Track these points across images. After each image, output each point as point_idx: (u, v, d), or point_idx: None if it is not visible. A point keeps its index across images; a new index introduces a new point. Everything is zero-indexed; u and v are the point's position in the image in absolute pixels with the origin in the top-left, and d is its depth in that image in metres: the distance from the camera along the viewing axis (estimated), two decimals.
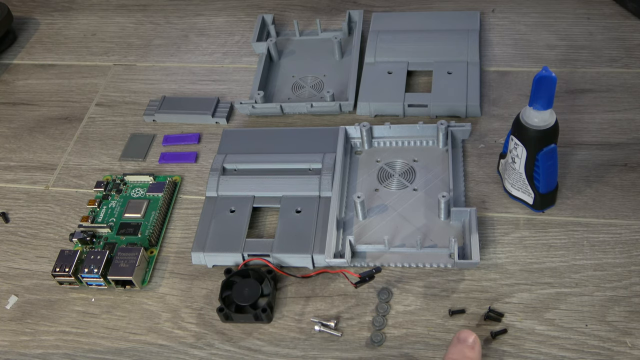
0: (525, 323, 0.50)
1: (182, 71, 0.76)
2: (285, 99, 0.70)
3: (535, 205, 0.56)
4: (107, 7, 0.87)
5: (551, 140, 0.51)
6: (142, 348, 0.52)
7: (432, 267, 0.54)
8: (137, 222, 0.60)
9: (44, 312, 0.56)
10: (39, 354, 0.53)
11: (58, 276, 0.56)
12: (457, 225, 0.56)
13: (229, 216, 0.58)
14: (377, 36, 0.72)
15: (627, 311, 0.50)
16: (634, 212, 0.56)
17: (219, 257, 0.56)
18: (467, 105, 0.64)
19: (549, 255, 0.54)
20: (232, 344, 0.52)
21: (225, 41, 0.79)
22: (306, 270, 0.55)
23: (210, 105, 0.69)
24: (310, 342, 0.51)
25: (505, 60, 0.71)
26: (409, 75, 0.68)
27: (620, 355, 0.48)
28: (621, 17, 0.74)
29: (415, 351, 0.49)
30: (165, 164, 0.66)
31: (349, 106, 0.67)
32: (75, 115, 0.73)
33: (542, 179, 0.53)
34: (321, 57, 0.74)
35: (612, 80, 0.67)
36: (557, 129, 0.51)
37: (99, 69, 0.78)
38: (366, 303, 0.53)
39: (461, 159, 0.61)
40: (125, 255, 0.55)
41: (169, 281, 0.56)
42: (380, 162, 0.62)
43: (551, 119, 0.50)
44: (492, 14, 0.76)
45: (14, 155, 0.70)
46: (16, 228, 0.63)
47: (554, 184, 0.55)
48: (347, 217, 0.58)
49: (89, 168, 0.67)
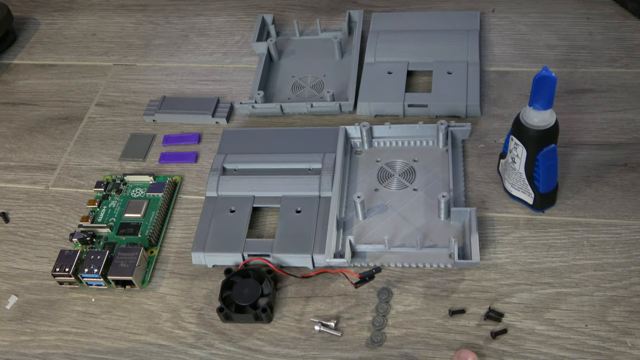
0: (525, 323, 0.50)
1: (182, 71, 0.76)
2: (285, 99, 0.70)
3: (535, 205, 0.56)
4: (107, 7, 0.87)
5: (551, 140, 0.51)
6: (142, 348, 0.52)
7: (432, 267, 0.54)
8: (137, 222, 0.60)
9: (44, 312, 0.56)
10: (39, 354, 0.53)
11: (58, 276, 0.56)
12: (457, 225, 0.56)
13: (229, 216, 0.58)
14: (377, 36, 0.72)
15: (627, 311, 0.50)
16: (634, 212, 0.56)
17: (219, 257, 0.56)
18: (467, 105, 0.64)
19: (549, 255, 0.54)
20: (232, 344, 0.52)
21: (225, 41, 0.79)
22: (306, 270, 0.55)
23: (210, 105, 0.69)
24: (310, 342, 0.51)
25: (505, 60, 0.71)
26: (409, 75, 0.68)
27: (620, 355, 0.48)
28: (621, 17, 0.74)
29: (415, 351, 0.49)
30: (165, 164, 0.66)
31: (349, 106, 0.67)
32: (75, 115, 0.73)
33: (542, 179, 0.53)
34: (321, 57, 0.74)
35: (612, 80, 0.67)
36: (557, 129, 0.51)
37: (99, 69, 0.78)
38: (366, 303, 0.53)
39: (461, 159, 0.61)
40: (125, 255, 0.55)
41: (169, 281, 0.56)
42: (380, 162, 0.62)
43: (551, 119, 0.50)
44: (492, 14, 0.76)
45: (14, 155, 0.70)
46: (16, 228, 0.63)
47: (554, 184, 0.55)
48: (347, 217, 0.58)
49: (89, 168, 0.67)
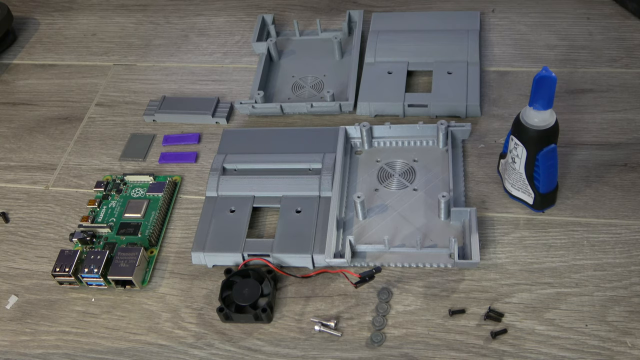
0: (525, 323, 0.50)
1: (182, 71, 0.76)
2: (285, 99, 0.70)
3: (535, 205, 0.56)
4: (107, 7, 0.87)
5: (551, 140, 0.51)
6: (142, 348, 0.52)
7: (432, 267, 0.54)
8: (137, 222, 0.60)
9: (44, 312, 0.56)
10: (39, 354, 0.53)
11: (58, 276, 0.56)
12: (457, 225, 0.56)
13: (229, 216, 0.58)
14: (377, 36, 0.72)
15: (627, 311, 0.50)
16: (634, 212, 0.56)
17: (219, 257, 0.56)
18: (467, 105, 0.64)
19: (549, 255, 0.54)
20: (232, 344, 0.52)
21: (225, 41, 0.79)
22: (306, 270, 0.55)
23: (210, 105, 0.69)
24: (310, 342, 0.51)
25: (505, 60, 0.71)
26: (409, 75, 0.68)
27: (620, 355, 0.48)
28: (621, 17, 0.74)
29: (415, 351, 0.49)
30: (165, 164, 0.66)
31: (349, 106, 0.67)
32: (75, 115, 0.73)
33: (542, 179, 0.53)
34: (321, 57, 0.74)
35: (612, 80, 0.67)
36: (557, 129, 0.51)
37: (99, 69, 0.78)
38: (366, 303, 0.53)
39: (461, 159, 0.61)
40: (125, 255, 0.55)
41: (169, 281, 0.56)
42: (380, 162, 0.62)
43: (551, 119, 0.50)
44: (492, 14, 0.76)
45: (14, 155, 0.70)
46: (16, 228, 0.63)
47: (554, 184, 0.55)
48: (347, 217, 0.58)
49: (89, 168, 0.67)
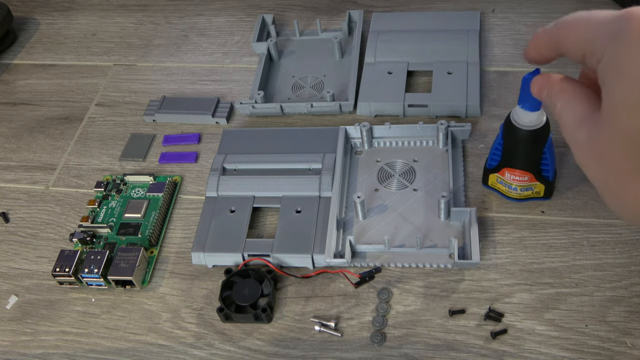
0: (525, 323, 0.50)
1: (182, 71, 0.76)
2: (285, 99, 0.70)
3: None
4: (107, 7, 0.87)
5: (544, 139, 0.50)
6: (142, 348, 0.52)
7: (432, 267, 0.54)
8: (137, 222, 0.60)
9: (44, 312, 0.56)
10: (39, 354, 0.53)
11: (58, 276, 0.56)
12: (457, 225, 0.56)
13: (229, 216, 0.58)
14: (377, 36, 0.72)
15: (627, 311, 0.50)
16: None
17: (219, 257, 0.56)
18: (467, 105, 0.64)
19: (549, 255, 0.54)
20: (232, 344, 0.52)
21: (225, 41, 0.79)
22: (306, 270, 0.55)
23: (210, 105, 0.69)
24: (310, 342, 0.51)
25: (505, 60, 0.71)
26: (409, 75, 0.68)
27: (620, 355, 0.48)
28: None
29: (415, 351, 0.49)
30: (165, 164, 0.66)
31: (349, 106, 0.67)
32: (75, 115, 0.73)
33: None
34: (321, 57, 0.74)
35: None
36: (548, 128, 0.50)
37: (99, 69, 0.78)
38: (366, 303, 0.53)
39: (461, 159, 0.61)
40: (125, 255, 0.55)
41: (169, 281, 0.56)
42: (380, 162, 0.62)
43: (541, 118, 0.49)
44: (492, 14, 0.76)
45: (14, 155, 0.70)
46: (16, 228, 0.63)
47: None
48: (347, 217, 0.58)
49: (89, 168, 0.67)
